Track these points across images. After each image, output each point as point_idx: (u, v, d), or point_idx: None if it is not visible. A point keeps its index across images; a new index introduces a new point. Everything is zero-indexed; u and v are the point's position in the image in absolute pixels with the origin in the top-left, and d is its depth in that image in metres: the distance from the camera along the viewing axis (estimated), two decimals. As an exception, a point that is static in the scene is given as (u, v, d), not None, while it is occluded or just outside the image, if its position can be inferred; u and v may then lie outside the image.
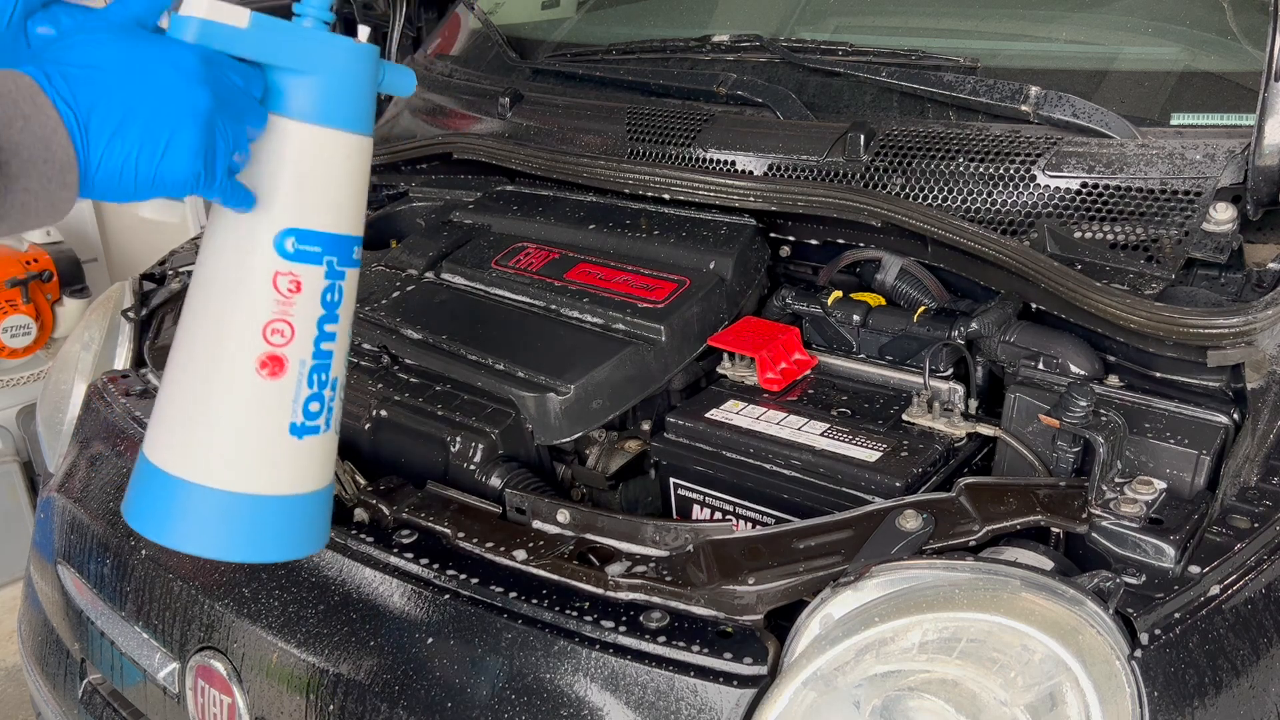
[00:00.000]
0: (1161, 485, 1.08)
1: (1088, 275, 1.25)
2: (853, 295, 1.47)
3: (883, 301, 1.46)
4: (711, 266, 1.51)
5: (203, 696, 1.29)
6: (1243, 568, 1.00)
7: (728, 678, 0.99)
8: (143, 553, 1.38)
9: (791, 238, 1.60)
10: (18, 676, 2.80)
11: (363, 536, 1.22)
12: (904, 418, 1.32)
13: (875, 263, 1.49)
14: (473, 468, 1.32)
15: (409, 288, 1.62)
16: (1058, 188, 1.37)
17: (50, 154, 0.76)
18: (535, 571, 1.13)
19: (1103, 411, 1.13)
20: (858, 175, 1.50)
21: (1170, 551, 1.00)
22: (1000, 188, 1.40)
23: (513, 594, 1.11)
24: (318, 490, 1.02)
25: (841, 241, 1.54)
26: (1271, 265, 1.24)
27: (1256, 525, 1.04)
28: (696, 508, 1.36)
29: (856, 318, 1.43)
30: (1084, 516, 1.05)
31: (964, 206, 1.42)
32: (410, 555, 1.18)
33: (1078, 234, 1.33)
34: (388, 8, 2.29)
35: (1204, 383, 1.21)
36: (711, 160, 1.63)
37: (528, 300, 1.53)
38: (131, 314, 1.82)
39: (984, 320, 1.31)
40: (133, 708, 1.46)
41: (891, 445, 1.26)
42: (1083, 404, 1.11)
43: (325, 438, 1.01)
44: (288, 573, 1.24)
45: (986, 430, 1.27)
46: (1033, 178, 1.39)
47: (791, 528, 1.12)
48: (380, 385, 1.46)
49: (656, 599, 1.08)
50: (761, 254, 1.57)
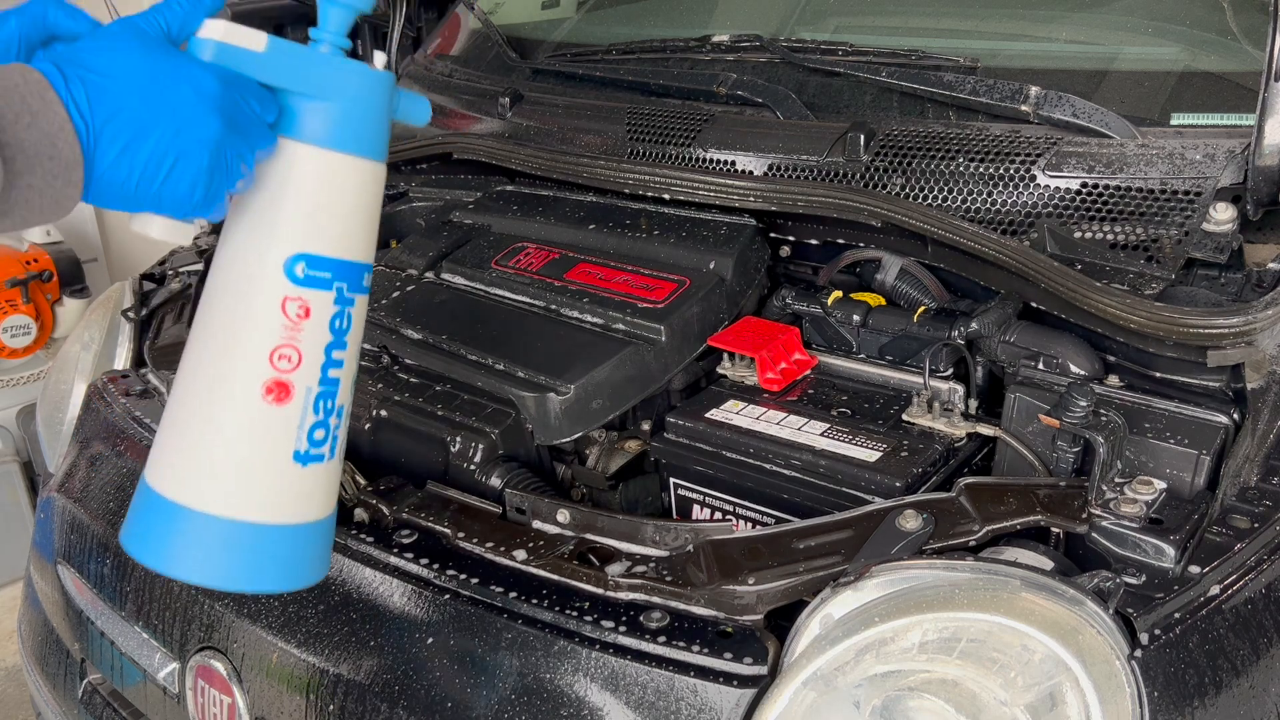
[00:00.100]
0: (1161, 485, 1.08)
1: (1088, 275, 1.25)
2: (853, 295, 1.47)
3: (883, 301, 1.46)
4: (711, 266, 1.51)
5: (203, 696, 1.29)
6: (1243, 568, 1.00)
7: (728, 678, 0.99)
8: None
9: (791, 238, 1.60)
10: (18, 676, 2.80)
11: (363, 536, 1.22)
12: (904, 418, 1.32)
13: (875, 263, 1.49)
14: (473, 468, 1.32)
15: (409, 288, 1.62)
16: (1058, 188, 1.37)
17: (56, 151, 0.76)
18: (535, 571, 1.13)
19: (1103, 411, 1.13)
20: (858, 175, 1.50)
21: (1170, 551, 1.00)
22: (1000, 188, 1.40)
23: (513, 594, 1.11)
24: (320, 520, 1.00)
25: (841, 241, 1.54)
26: (1271, 265, 1.24)
27: (1256, 525, 1.04)
28: (696, 508, 1.36)
29: (856, 318, 1.43)
30: (1084, 516, 1.05)
31: (964, 206, 1.42)
32: (410, 555, 1.18)
33: (1078, 234, 1.33)
34: (388, 8, 2.28)
35: (1204, 383, 1.20)
36: (711, 160, 1.63)
37: (528, 300, 1.53)
38: (131, 314, 1.82)
39: (984, 320, 1.31)
40: (133, 708, 1.46)
41: (891, 445, 1.26)
42: (1083, 404, 1.11)
43: (329, 466, 0.99)
44: (288, 573, 1.23)
45: (986, 430, 1.27)
46: (1033, 178, 1.39)
47: (791, 528, 1.12)
48: (380, 385, 1.46)
49: (656, 599, 1.08)
50: (761, 254, 1.57)
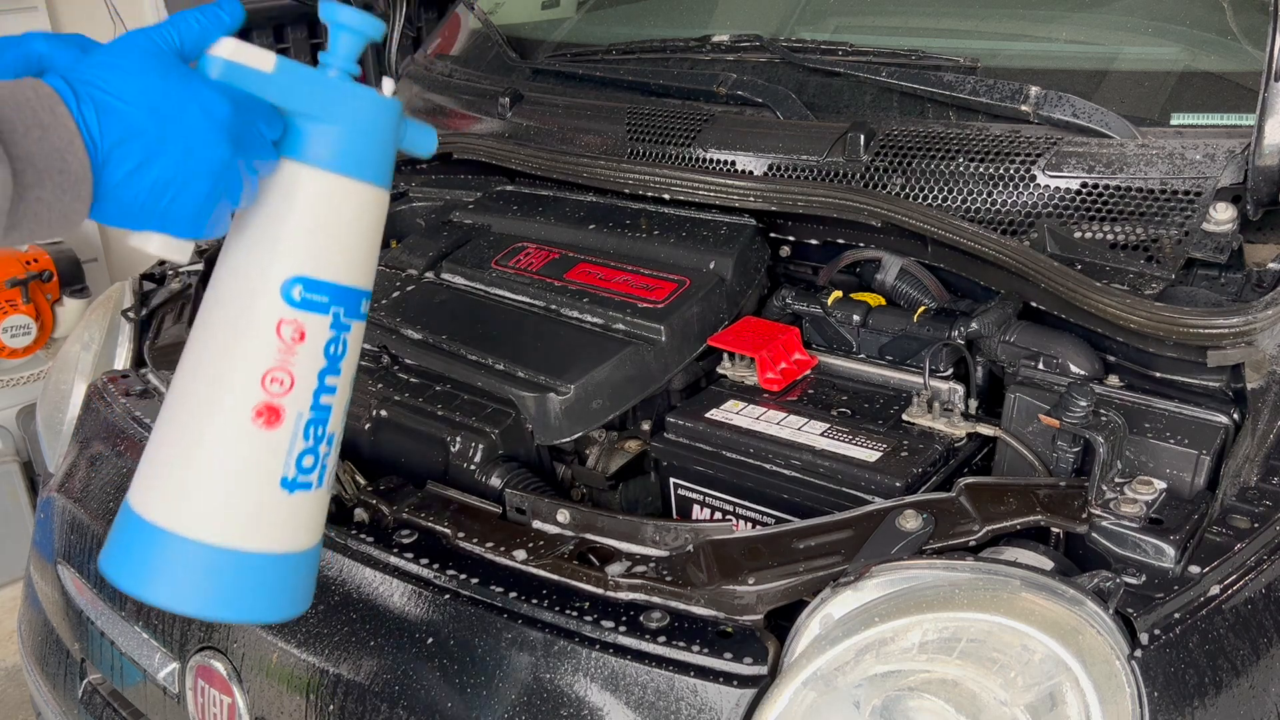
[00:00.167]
0: (1161, 485, 1.08)
1: (1088, 275, 1.25)
2: (853, 295, 1.47)
3: (883, 301, 1.46)
4: (711, 266, 1.51)
5: (203, 696, 1.29)
6: (1243, 568, 1.00)
7: (728, 678, 0.99)
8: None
9: (791, 238, 1.60)
10: (18, 676, 2.80)
11: (363, 536, 1.22)
12: (904, 418, 1.32)
13: (875, 263, 1.49)
14: (473, 468, 1.32)
15: (409, 288, 1.62)
16: (1058, 188, 1.37)
17: (65, 165, 0.75)
18: (535, 571, 1.13)
19: (1103, 411, 1.13)
20: (858, 175, 1.50)
21: (1170, 551, 1.00)
22: (1000, 188, 1.40)
23: (513, 594, 1.11)
24: (305, 550, 0.97)
25: (841, 241, 1.54)
26: (1271, 265, 1.24)
27: (1256, 525, 1.04)
28: (696, 508, 1.36)
29: (856, 318, 1.43)
30: (1084, 516, 1.05)
31: (964, 206, 1.42)
32: (410, 555, 1.18)
33: (1078, 234, 1.33)
34: (388, 8, 2.28)
35: (1204, 383, 1.20)
36: (711, 160, 1.63)
37: (528, 300, 1.53)
38: (131, 314, 1.82)
39: (984, 320, 1.31)
40: (133, 708, 1.46)
41: (891, 445, 1.26)
42: (1083, 404, 1.11)
43: (317, 494, 0.96)
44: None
45: (986, 430, 1.27)
46: (1033, 178, 1.39)
47: (791, 528, 1.11)
48: (380, 385, 1.46)
49: (656, 599, 1.08)
50: (761, 254, 1.57)
